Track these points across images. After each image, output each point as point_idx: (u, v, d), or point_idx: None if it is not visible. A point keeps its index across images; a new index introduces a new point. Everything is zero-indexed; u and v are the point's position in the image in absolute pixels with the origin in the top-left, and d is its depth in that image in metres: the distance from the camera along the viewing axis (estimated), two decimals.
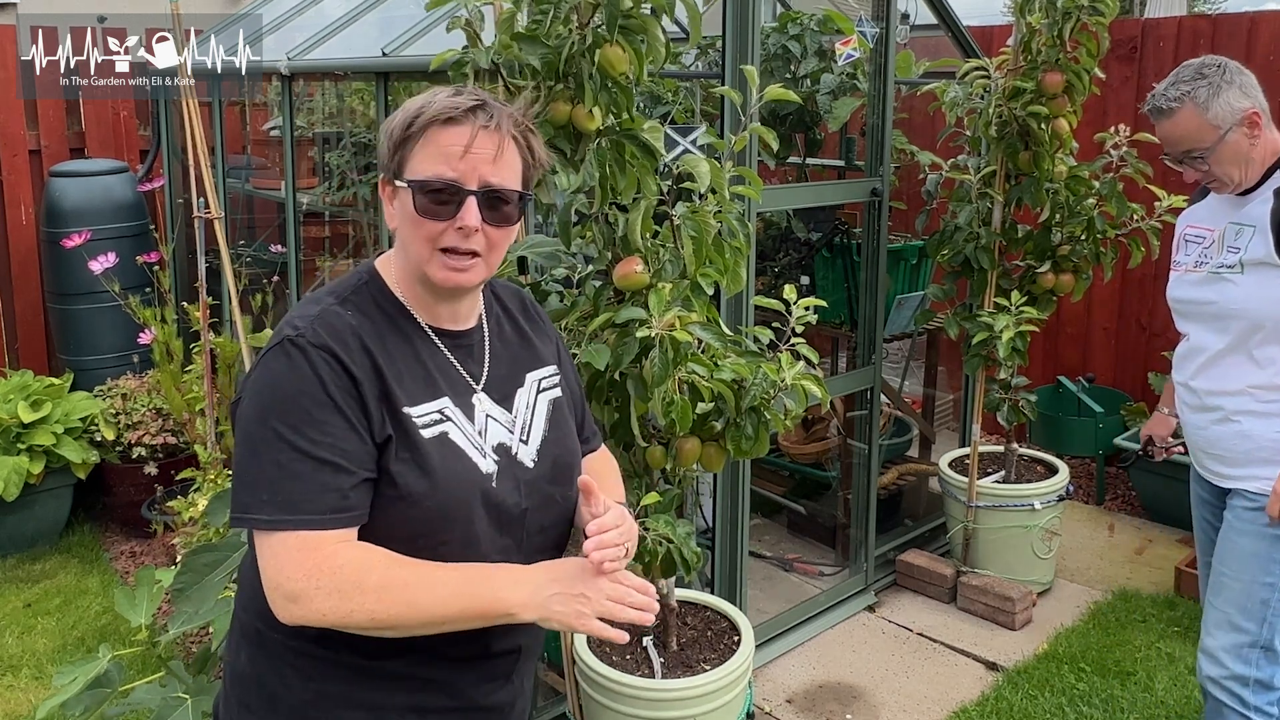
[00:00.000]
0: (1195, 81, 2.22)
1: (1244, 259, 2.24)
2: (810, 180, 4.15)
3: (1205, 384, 2.34)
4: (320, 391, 1.28)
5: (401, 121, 1.35)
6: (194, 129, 3.33)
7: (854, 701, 3.15)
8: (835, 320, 3.87)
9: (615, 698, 2.35)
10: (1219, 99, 2.20)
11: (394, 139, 1.36)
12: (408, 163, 1.34)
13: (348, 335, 1.32)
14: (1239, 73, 2.24)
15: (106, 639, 3.37)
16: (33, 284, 4.71)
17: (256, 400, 1.30)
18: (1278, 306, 2.20)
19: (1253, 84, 2.25)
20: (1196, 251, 2.38)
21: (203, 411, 3.63)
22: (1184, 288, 2.41)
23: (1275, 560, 2.24)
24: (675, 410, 2.06)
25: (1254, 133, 2.22)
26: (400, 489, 1.31)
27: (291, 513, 1.26)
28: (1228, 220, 2.31)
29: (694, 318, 2.10)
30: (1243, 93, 2.22)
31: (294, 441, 1.26)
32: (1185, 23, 4.66)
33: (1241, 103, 2.21)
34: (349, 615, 1.24)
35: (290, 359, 1.29)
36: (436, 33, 3.13)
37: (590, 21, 1.99)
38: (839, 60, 3.41)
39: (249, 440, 1.29)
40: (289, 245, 3.98)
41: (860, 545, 3.73)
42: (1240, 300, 2.25)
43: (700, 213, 2.13)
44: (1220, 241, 2.32)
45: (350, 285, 1.40)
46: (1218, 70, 2.22)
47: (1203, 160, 2.25)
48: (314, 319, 1.32)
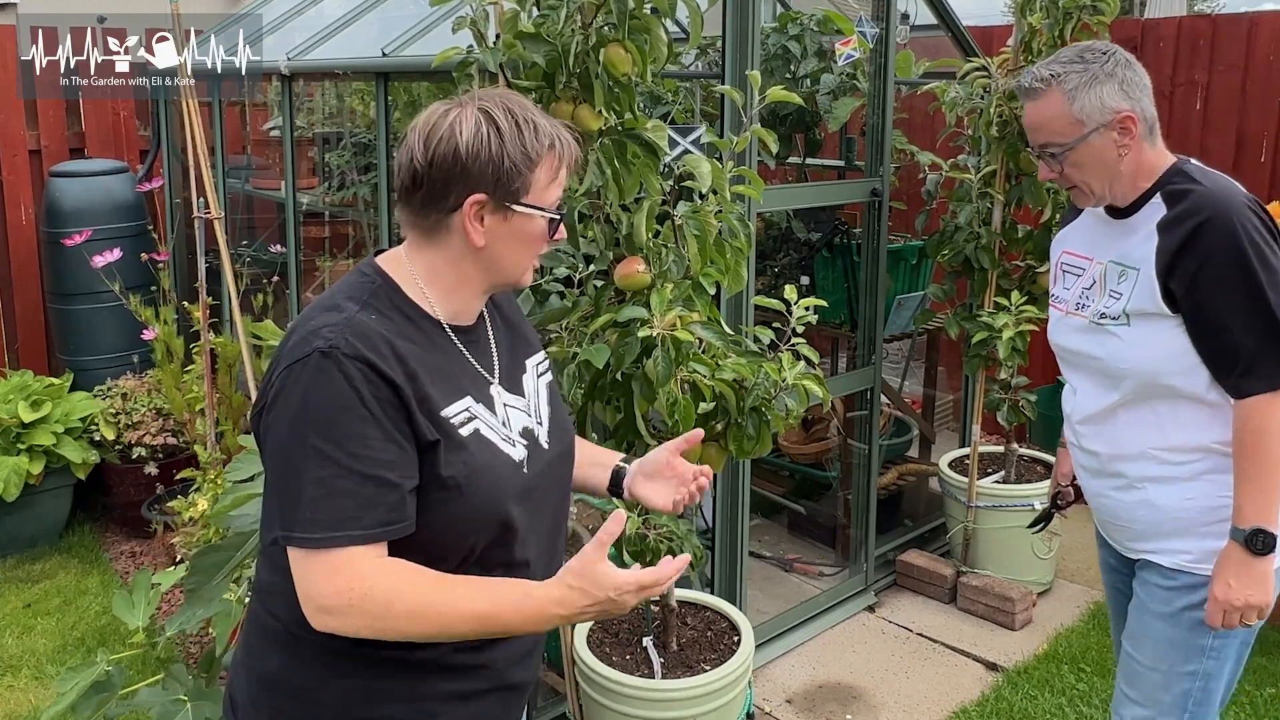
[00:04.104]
0: (1071, 65, 1.88)
1: (1128, 308, 1.89)
2: (810, 180, 4.15)
3: (1101, 446, 2.00)
4: (358, 404, 1.26)
5: (530, 148, 1.36)
6: (194, 129, 3.33)
7: (854, 702, 3.15)
8: (835, 320, 3.87)
9: (615, 698, 2.35)
10: (1091, 91, 1.86)
11: (514, 161, 1.35)
12: (532, 189, 1.37)
13: (380, 343, 1.30)
14: (1126, 66, 1.88)
15: (106, 639, 3.37)
16: (33, 284, 4.71)
17: (289, 415, 1.28)
18: (1171, 360, 1.85)
19: (1140, 84, 1.89)
20: (1076, 288, 2.04)
21: (203, 411, 3.63)
22: (1066, 334, 2.05)
23: (1196, 647, 1.92)
24: (679, 410, 2.06)
25: (1125, 140, 1.87)
26: (450, 490, 1.32)
27: (333, 530, 1.25)
28: (1108, 258, 1.96)
29: (695, 317, 2.10)
30: (1122, 90, 1.86)
31: (336, 457, 1.25)
32: (1185, 23, 4.67)
33: (1117, 102, 1.86)
34: (382, 633, 1.28)
35: (324, 372, 1.26)
36: (436, 33, 3.13)
37: (594, 21, 1.99)
38: (839, 60, 3.40)
39: (285, 457, 1.27)
40: (289, 245, 3.98)
41: (860, 545, 3.73)
42: (1129, 357, 1.90)
43: (702, 212, 2.13)
44: (1101, 282, 1.97)
45: (365, 288, 1.38)
46: (1101, 58, 1.88)
47: (1057, 159, 1.92)
48: (344, 328, 1.30)
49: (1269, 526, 1.80)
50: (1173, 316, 1.84)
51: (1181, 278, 1.81)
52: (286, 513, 1.27)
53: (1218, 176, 1.90)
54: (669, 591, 2.44)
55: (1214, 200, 1.81)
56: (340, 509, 1.25)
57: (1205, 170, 1.91)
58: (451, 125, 1.34)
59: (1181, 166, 1.91)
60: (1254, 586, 1.82)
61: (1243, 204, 1.82)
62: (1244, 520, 1.81)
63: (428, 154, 1.34)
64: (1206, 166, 1.94)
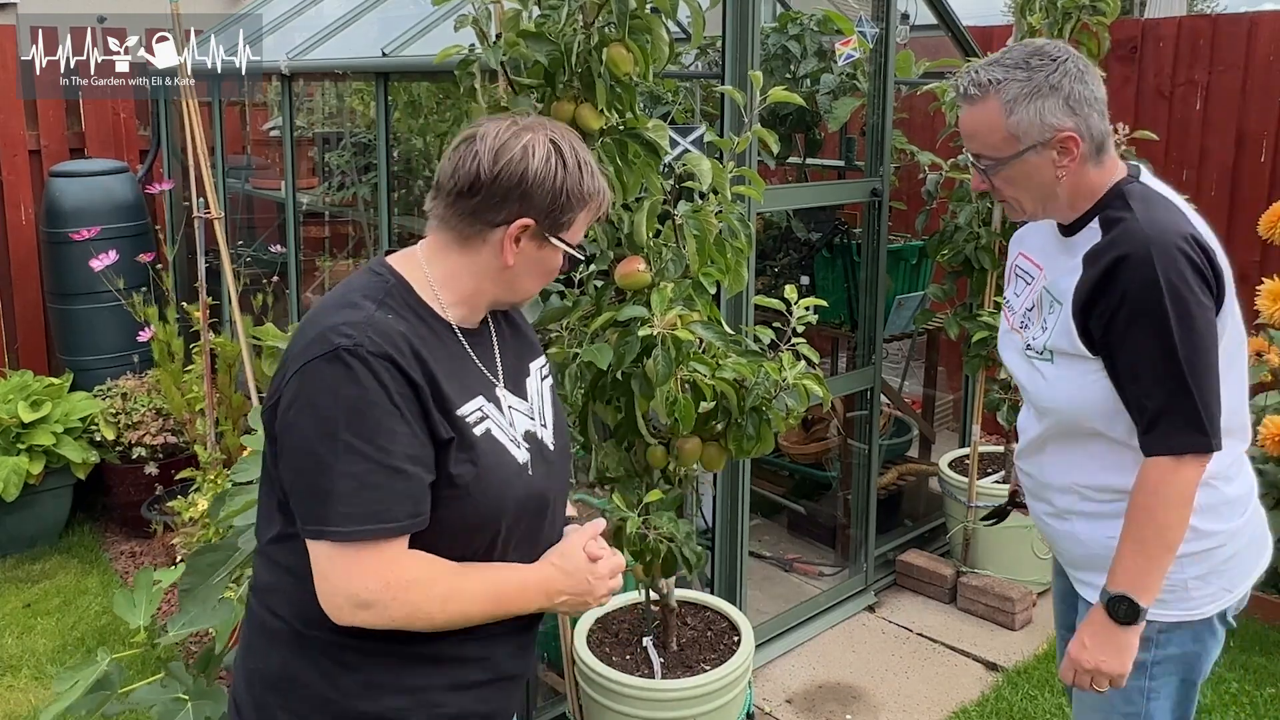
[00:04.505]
0: (1014, 71, 1.68)
1: (1049, 344, 1.77)
2: (810, 180, 4.15)
3: (1033, 469, 1.91)
4: (387, 400, 1.29)
5: (585, 189, 1.42)
6: (194, 129, 3.33)
7: (854, 702, 3.15)
8: (835, 320, 3.87)
9: (615, 698, 2.35)
10: (1031, 105, 1.66)
11: (569, 197, 1.41)
12: (572, 227, 1.44)
13: (400, 341, 1.32)
14: (1077, 78, 1.68)
15: (106, 639, 3.37)
16: (32, 284, 4.70)
17: (315, 412, 1.29)
18: (1091, 404, 1.73)
19: (1089, 98, 1.69)
20: (1023, 302, 1.90)
21: (203, 411, 3.63)
22: (1007, 349, 1.94)
23: (1133, 688, 1.79)
24: (679, 409, 2.06)
25: (1064, 161, 1.69)
26: (460, 488, 1.35)
27: (369, 523, 1.28)
28: (1048, 279, 1.83)
29: (695, 317, 2.10)
30: (1068, 106, 1.67)
31: (366, 452, 1.27)
32: (1185, 23, 4.67)
33: (1060, 119, 1.67)
34: (412, 622, 1.33)
35: (350, 369, 1.29)
36: (436, 33, 3.13)
37: (595, 21, 1.99)
38: (839, 60, 3.40)
39: (312, 453, 1.29)
40: (289, 245, 3.98)
41: (860, 545, 3.73)
42: (1049, 396, 1.80)
43: (703, 212, 2.13)
44: (1039, 307, 1.84)
45: (380, 287, 1.40)
46: (1049, 65, 1.67)
47: (989, 172, 1.75)
48: (365, 326, 1.32)
49: (1136, 597, 1.67)
50: (1093, 359, 1.71)
51: (1099, 318, 1.67)
52: (316, 508, 1.29)
53: (1159, 204, 1.72)
54: (669, 591, 2.44)
55: (1139, 236, 1.64)
56: (375, 502, 1.28)
57: (1149, 195, 1.73)
58: (525, 147, 1.38)
59: (1124, 188, 1.73)
60: (1108, 653, 1.70)
61: (1174, 242, 1.63)
62: (1114, 583, 1.69)
63: (495, 167, 1.37)
64: (1158, 186, 1.78)
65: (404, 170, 4.12)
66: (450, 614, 1.34)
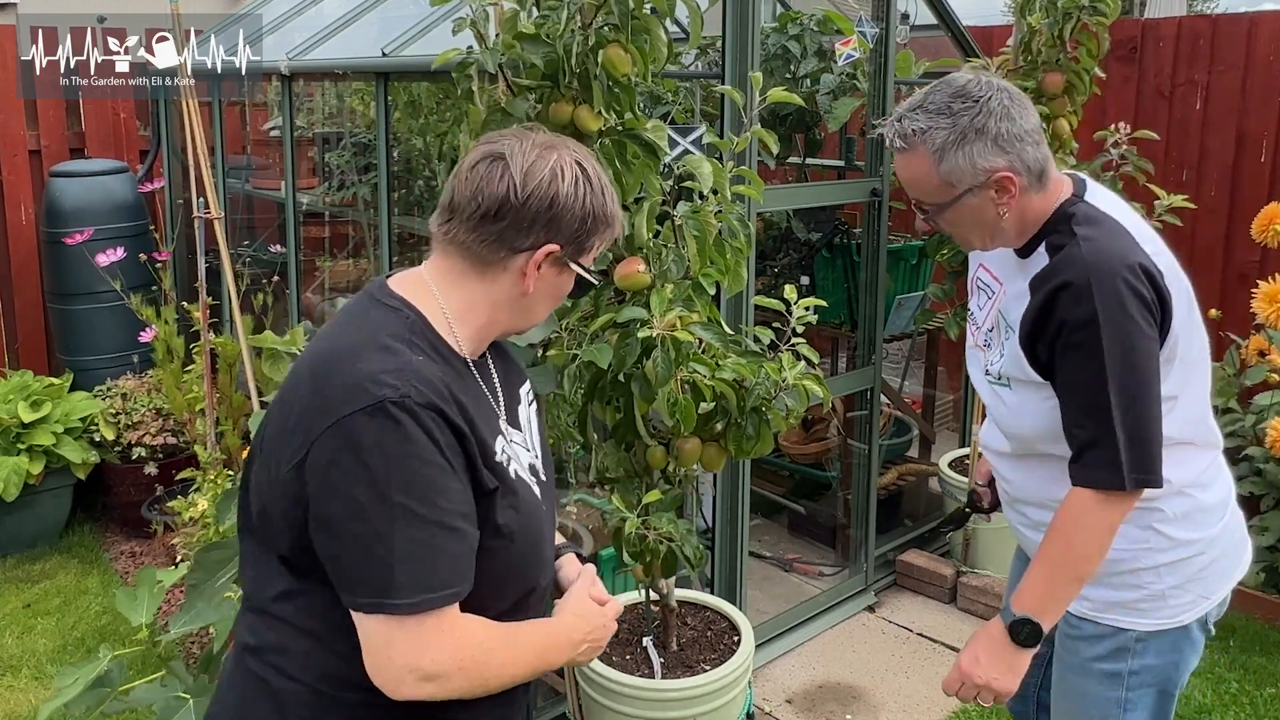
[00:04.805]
0: (937, 118, 1.64)
1: (1004, 370, 1.78)
2: (810, 180, 4.15)
3: (1005, 472, 1.91)
4: (438, 456, 1.21)
5: (609, 213, 1.37)
6: (194, 129, 3.33)
7: (854, 702, 3.15)
8: (835, 320, 3.87)
9: (615, 698, 2.35)
10: (960, 152, 1.63)
11: (596, 222, 1.35)
12: (591, 252, 1.38)
13: (441, 388, 1.24)
14: (1002, 116, 1.63)
15: (106, 639, 3.37)
16: (32, 284, 4.71)
17: (364, 473, 1.18)
18: (1050, 429, 1.72)
19: (1019, 132, 1.64)
20: (986, 319, 1.89)
21: (203, 411, 3.63)
22: (972, 365, 1.93)
23: (1109, 700, 1.81)
24: (679, 410, 2.06)
25: (1003, 199, 1.67)
26: (506, 537, 1.29)
27: (434, 591, 1.20)
28: (1003, 303, 1.82)
29: (695, 317, 2.10)
30: (997, 146, 1.63)
31: (424, 514, 1.19)
32: (1185, 23, 4.67)
33: (991, 160, 1.63)
34: (471, 691, 1.26)
35: (399, 423, 1.18)
36: (436, 33, 3.13)
37: (593, 22, 1.99)
38: (839, 60, 3.40)
39: (364, 519, 1.18)
40: (289, 245, 3.98)
41: (860, 545, 3.73)
42: (1009, 420, 1.81)
43: (702, 212, 2.13)
44: (999, 329, 1.83)
45: (403, 325, 1.30)
46: (972, 108, 1.63)
47: (932, 216, 1.74)
48: (407, 374, 1.22)
49: (1041, 621, 1.66)
50: (1045, 384, 1.70)
51: (1045, 343, 1.66)
52: (373, 580, 1.19)
53: (1106, 227, 1.67)
54: (669, 591, 2.44)
55: (1080, 262, 1.62)
56: (439, 567, 1.20)
57: (1095, 217, 1.69)
58: (553, 169, 1.30)
59: (1070, 210, 1.70)
60: (1000, 671, 1.69)
61: (1115, 272, 1.59)
62: (1021, 605, 1.67)
63: (525, 191, 1.29)
64: (1105, 201, 1.74)
65: (404, 170, 4.12)
66: (503, 679, 1.28)
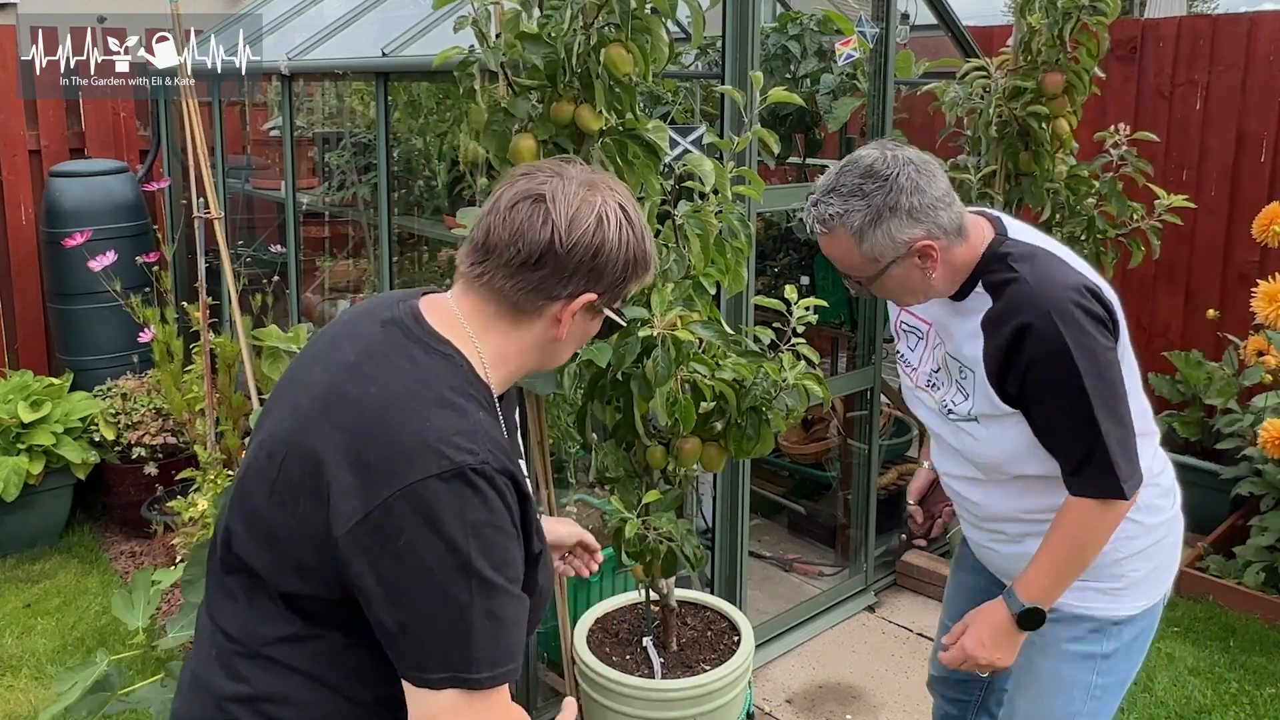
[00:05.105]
0: (851, 200, 1.70)
1: (973, 411, 1.83)
2: (810, 180, 4.15)
3: (975, 496, 1.96)
4: (510, 523, 1.16)
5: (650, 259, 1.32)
6: (194, 129, 3.33)
7: (854, 702, 3.15)
8: (835, 320, 3.87)
9: (615, 698, 2.35)
10: (878, 230, 1.69)
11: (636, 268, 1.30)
12: (626, 297, 1.33)
13: (507, 447, 1.19)
14: (912, 190, 1.68)
15: (106, 640, 3.37)
16: (33, 284, 4.71)
17: (442, 542, 1.12)
18: (1026, 451, 1.80)
19: (931, 200, 1.70)
20: (923, 361, 1.96)
21: (203, 411, 3.63)
22: (919, 407, 2.00)
23: (1079, 684, 1.89)
24: (679, 410, 2.06)
25: (927, 264, 1.74)
26: (539, 595, 1.26)
27: (507, 664, 1.16)
28: (947, 343, 1.87)
29: (695, 317, 2.10)
30: (912, 219, 1.69)
31: (500, 584, 1.14)
32: (1185, 23, 4.67)
33: (908, 233, 1.70)
34: None
35: (479, 491, 1.13)
36: (436, 33, 3.13)
37: (595, 22, 1.99)
38: (839, 60, 3.40)
39: (442, 590, 1.12)
40: (289, 245, 3.98)
41: (860, 545, 3.73)
42: (982, 452, 1.86)
43: (703, 212, 2.13)
44: (946, 370, 1.89)
45: (458, 376, 1.23)
46: (883, 187, 1.68)
47: (863, 286, 1.81)
48: (482, 437, 1.16)
49: (1045, 607, 1.80)
50: (1015, 413, 1.77)
51: (1014, 379, 1.73)
52: (448, 653, 1.13)
53: (1041, 260, 1.74)
54: (669, 591, 2.44)
55: (1034, 299, 1.69)
56: (511, 640, 1.16)
57: (1027, 252, 1.75)
58: (598, 216, 1.24)
59: (998, 250, 1.76)
60: (1003, 651, 1.83)
61: (1070, 299, 1.68)
62: (1027, 593, 1.79)
63: (570, 239, 1.22)
64: (1027, 235, 1.80)
65: (404, 170, 4.12)
66: None
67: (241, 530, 1.26)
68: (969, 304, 1.79)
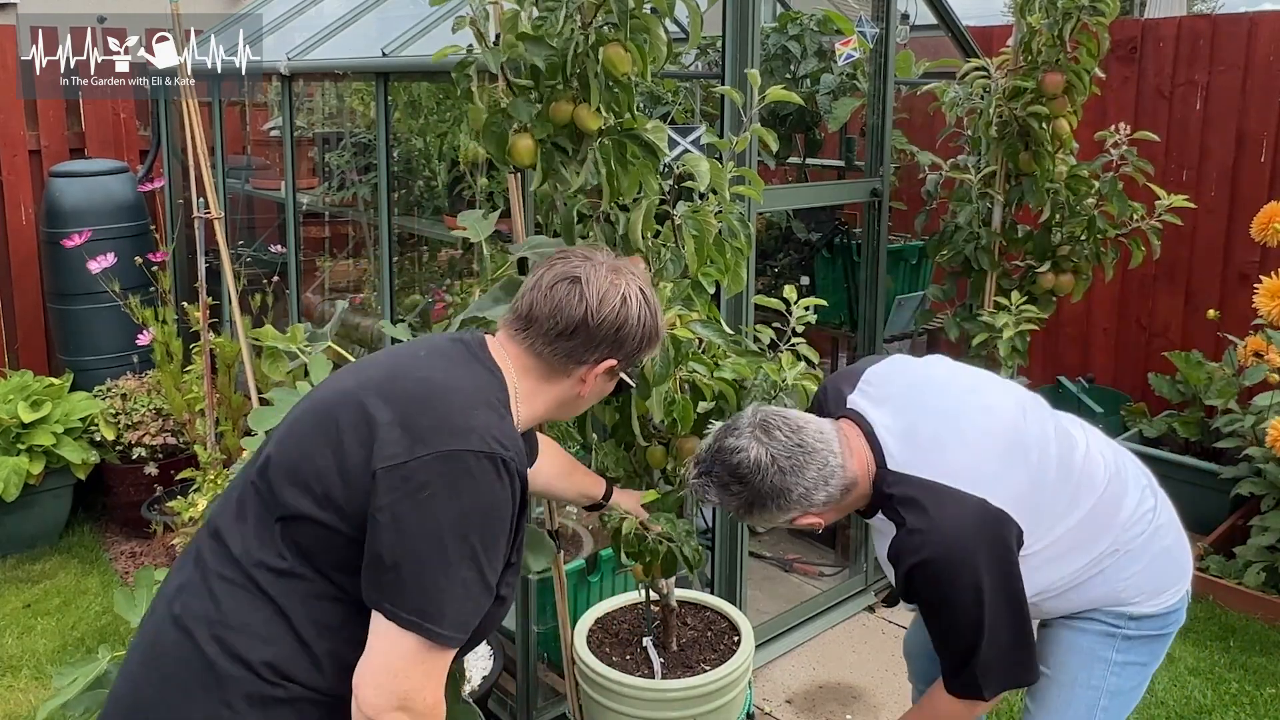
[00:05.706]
0: (723, 493, 1.79)
1: None
2: (810, 180, 4.15)
3: None
4: (509, 517, 1.35)
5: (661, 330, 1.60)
6: (194, 129, 3.33)
7: (854, 702, 3.15)
8: (835, 320, 3.87)
9: (615, 698, 2.35)
10: (756, 514, 1.79)
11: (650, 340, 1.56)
12: (637, 363, 1.59)
13: (526, 458, 1.41)
14: (778, 493, 1.74)
15: (106, 639, 3.36)
16: (33, 284, 4.71)
17: (457, 503, 1.30)
18: None
19: (800, 494, 1.75)
20: None
21: (203, 412, 3.63)
22: None
23: (1100, 659, 1.93)
24: (677, 409, 2.06)
25: (817, 521, 1.82)
26: (504, 604, 1.44)
27: (462, 633, 1.32)
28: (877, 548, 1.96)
29: (695, 316, 2.10)
30: (782, 510, 1.77)
31: (480, 563, 1.31)
32: (1185, 23, 4.67)
33: (786, 514, 1.78)
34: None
35: (501, 479, 1.33)
36: (436, 33, 3.12)
37: (593, 21, 1.99)
38: (839, 60, 3.40)
39: (439, 543, 1.29)
40: (289, 245, 3.98)
41: (860, 546, 3.73)
42: None
43: (702, 212, 2.13)
44: None
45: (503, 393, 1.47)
46: (745, 491, 1.76)
47: None
48: (515, 441, 1.38)
49: None
50: None
51: (916, 602, 1.83)
52: (421, 600, 1.28)
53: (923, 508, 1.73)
54: (669, 591, 2.44)
55: (919, 547, 1.72)
56: (468, 614, 1.33)
57: (905, 495, 1.75)
58: (622, 297, 1.50)
59: (882, 490, 1.78)
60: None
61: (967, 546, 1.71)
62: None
63: (599, 316, 1.48)
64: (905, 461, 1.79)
65: (404, 170, 4.12)
66: None
67: (279, 457, 1.40)
68: (878, 523, 1.85)
